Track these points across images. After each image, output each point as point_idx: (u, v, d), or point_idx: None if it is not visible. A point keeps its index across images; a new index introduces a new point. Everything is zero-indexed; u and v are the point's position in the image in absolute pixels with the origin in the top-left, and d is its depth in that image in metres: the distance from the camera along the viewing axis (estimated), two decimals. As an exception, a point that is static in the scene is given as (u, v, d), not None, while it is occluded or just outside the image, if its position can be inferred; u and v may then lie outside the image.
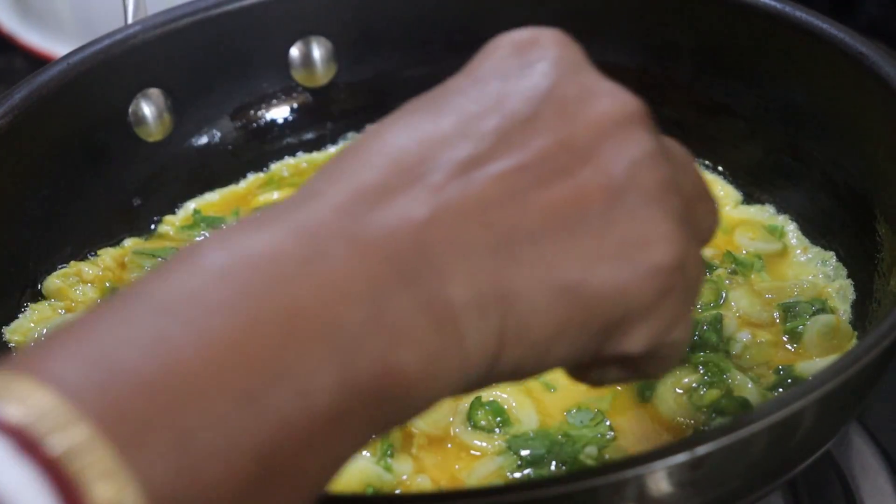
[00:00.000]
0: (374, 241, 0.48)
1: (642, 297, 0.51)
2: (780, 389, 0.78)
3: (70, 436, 0.41)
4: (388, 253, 0.48)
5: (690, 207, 0.54)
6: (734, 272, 0.87)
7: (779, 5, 0.88)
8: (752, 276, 0.87)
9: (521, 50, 0.54)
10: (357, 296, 0.47)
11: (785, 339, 0.82)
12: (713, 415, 0.75)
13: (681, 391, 0.77)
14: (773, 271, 0.88)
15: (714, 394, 0.76)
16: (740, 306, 0.84)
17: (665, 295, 0.52)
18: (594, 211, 0.50)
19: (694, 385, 0.77)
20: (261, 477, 0.44)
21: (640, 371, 0.56)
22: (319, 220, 0.48)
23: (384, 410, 0.48)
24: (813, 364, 0.79)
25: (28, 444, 0.41)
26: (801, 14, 0.87)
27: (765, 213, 0.92)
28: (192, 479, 0.43)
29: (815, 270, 0.88)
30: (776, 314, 0.84)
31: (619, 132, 0.52)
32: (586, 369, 0.55)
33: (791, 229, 0.91)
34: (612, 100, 0.52)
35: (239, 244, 0.47)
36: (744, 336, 0.82)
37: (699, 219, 0.55)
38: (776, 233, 0.91)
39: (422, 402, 0.49)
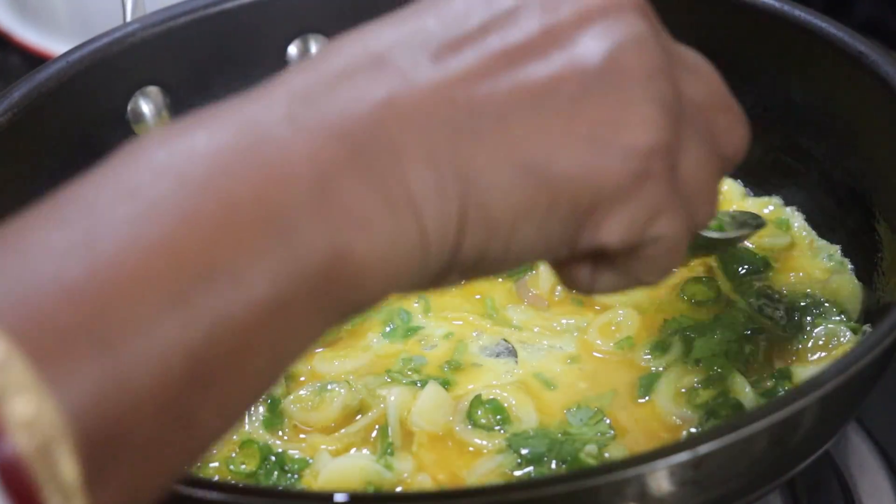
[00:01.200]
0: (323, 122, 0.46)
1: (612, 180, 0.49)
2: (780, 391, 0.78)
3: None
4: (339, 132, 0.46)
5: (703, 114, 0.52)
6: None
7: (777, 4, 0.88)
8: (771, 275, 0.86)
9: None
10: (300, 178, 0.45)
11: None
12: (705, 416, 0.75)
13: (683, 389, 0.77)
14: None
15: (709, 393, 0.76)
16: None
17: (641, 181, 0.50)
18: (567, 92, 0.49)
19: (695, 384, 0.77)
20: (196, 380, 0.43)
21: (632, 273, 0.53)
22: (269, 107, 0.47)
23: (333, 298, 0.46)
24: (808, 369, 0.79)
25: None
26: (801, 13, 0.87)
27: (769, 208, 0.92)
28: (118, 389, 0.41)
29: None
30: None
31: (606, 18, 0.50)
32: (572, 268, 0.53)
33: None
34: None
35: (180, 140, 0.46)
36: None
37: (719, 130, 0.53)
38: (782, 226, 0.90)
39: (377, 289, 0.47)
